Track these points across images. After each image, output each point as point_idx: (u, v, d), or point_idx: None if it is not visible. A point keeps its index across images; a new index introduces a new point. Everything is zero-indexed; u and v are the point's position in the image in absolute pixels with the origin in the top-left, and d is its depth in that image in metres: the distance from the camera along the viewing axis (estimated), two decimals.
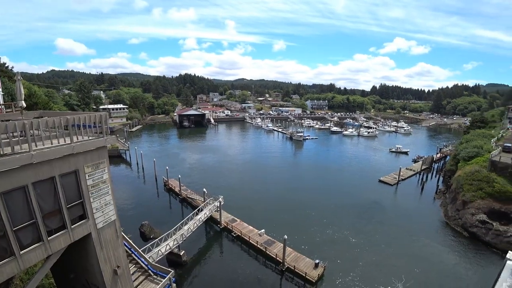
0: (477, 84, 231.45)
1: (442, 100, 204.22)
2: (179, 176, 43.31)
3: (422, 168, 60.08)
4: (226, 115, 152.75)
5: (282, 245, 27.52)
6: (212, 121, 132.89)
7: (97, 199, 12.05)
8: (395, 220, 37.64)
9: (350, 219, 37.21)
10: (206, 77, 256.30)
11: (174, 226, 28.25)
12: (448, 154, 69.40)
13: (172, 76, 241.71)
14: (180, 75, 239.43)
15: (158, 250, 24.36)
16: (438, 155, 71.34)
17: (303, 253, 28.47)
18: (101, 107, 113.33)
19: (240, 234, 31.96)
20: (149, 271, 19.59)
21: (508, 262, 5.10)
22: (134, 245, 20.74)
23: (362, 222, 36.42)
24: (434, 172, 60.29)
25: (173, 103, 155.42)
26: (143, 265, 19.84)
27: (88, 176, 11.54)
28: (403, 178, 54.37)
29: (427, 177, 56.30)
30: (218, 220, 34.70)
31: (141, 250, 21.38)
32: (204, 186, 40.30)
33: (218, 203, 34.79)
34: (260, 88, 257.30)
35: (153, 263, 20.48)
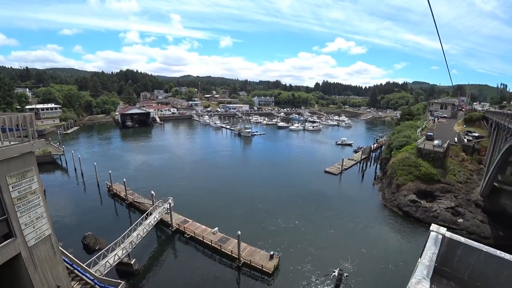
0: (405, 81, 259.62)
1: (377, 96, 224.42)
2: (124, 180, 40.41)
3: (362, 158, 65.35)
4: (173, 113, 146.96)
5: (236, 241, 27.60)
6: (158, 120, 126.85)
7: (26, 213, 10.55)
8: (340, 206, 40.40)
9: (299, 209, 38.89)
10: (150, 74, 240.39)
11: (122, 234, 26.35)
12: (383, 143, 76.57)
13: (112, 72, 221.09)
14: (121, 71, 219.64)
15: (106, 262, 22.50)
16: (375, 145, 78.39)
17: (258, 246, 28.97)
18: (27, 107, 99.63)
19: (193, 235, 31.20)
20: (96, 286, 18.01)
21: (431, 233, 5.84)
22: (76, 260, 18.85)
23: (311, 211, 38.37)
24: (372, 161, 66.03)
25: (114, 102, 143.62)
26: (89, 281, 18.16)
27: (13, 187, 10.02)
28: (345, 167, 58.50)
29: (366, 165, 61.38)
30: (169, 222, 33.35)
31: (86, 264, 19.56)
32: (152, 188, 38.43)
33: (168, 205, 33.38)
34: (207, 85, 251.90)
35: (100, 277, 18.87)
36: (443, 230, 6.05)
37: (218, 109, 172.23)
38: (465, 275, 5.76)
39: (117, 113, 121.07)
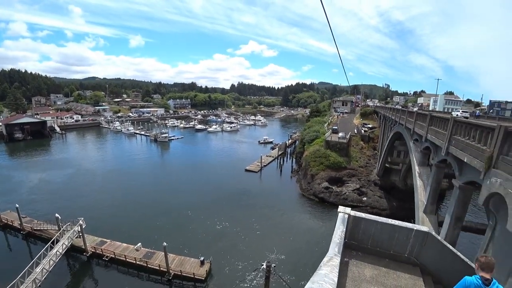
0: (312, 82, 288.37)
1: (288, 95, 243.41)
2: (17, 205, 33.65)
3: (279, 154, 70.00)
4: (76, 120, 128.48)
5: (163, 253, 26.46)
6: (58, 129, 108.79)
7: None
8: (263, 202, 42.76)
9: (224, 210, 39.61)
10: (44, 75, 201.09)
11: (21, 272, 22.21)
12: (296, 139, 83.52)
13: None
14: (3, 70, 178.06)
15: None
16: (290, 141, 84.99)
17: (187, 254, 28.40)
18: None
19: (113, 256, 28.43)
20: None
21: (339, 214, 6.96)
22: None
23: (236, 210, 39.55)
24: (288, 156, 71.45)
25: None
26: None
27: None
28: (264, 164, 61.81)
29: (283, 160, 66.06)
30: (83, 247, 29.58)
31: None
32: (57, 211, 33.12)
33: (79, 228, 29.55)
34: (116, 87, 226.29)
35: None
36: (348, 210, 7.17)
37: (131, 114, 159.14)
38: (368, 244, 7.03)
39: (1, 124, 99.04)
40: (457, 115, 37.27)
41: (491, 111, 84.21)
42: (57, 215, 31.18)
